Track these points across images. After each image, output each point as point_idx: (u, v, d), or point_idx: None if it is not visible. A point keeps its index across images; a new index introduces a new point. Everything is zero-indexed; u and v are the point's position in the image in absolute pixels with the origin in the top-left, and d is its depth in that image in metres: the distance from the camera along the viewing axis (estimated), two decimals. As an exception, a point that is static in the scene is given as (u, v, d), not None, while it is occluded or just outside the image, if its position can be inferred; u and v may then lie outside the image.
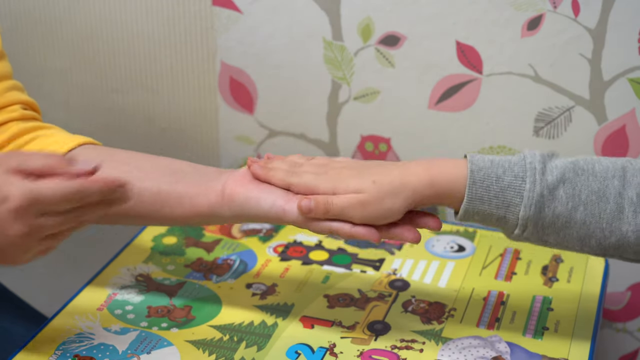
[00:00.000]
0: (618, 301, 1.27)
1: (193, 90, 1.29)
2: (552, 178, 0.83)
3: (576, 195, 0.83)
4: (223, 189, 0.90)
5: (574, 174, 0.83)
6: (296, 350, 0.92)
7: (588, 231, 0.84)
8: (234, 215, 0.90)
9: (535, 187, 0.83)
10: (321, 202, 0.85)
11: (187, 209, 0.92)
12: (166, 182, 0.92)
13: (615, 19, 1.10)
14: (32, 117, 1.00)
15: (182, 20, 1.24)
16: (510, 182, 0.83)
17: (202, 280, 1.03)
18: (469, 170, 0.84)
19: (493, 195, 0.83)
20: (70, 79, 1.33)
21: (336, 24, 1.19)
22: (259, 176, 0.90)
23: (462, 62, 1.17)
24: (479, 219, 0.85)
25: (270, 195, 0.88)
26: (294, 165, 0.90)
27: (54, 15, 1.29)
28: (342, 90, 1.23)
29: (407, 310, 0.98)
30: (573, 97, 1.15)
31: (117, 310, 0.98)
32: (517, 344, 0.93)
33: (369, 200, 0.85)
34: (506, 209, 0.84)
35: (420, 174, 0.85)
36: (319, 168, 0.89)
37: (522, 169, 0.83)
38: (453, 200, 0.85)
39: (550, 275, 1.05)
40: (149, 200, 0.93)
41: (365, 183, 0.85)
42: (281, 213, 0.87)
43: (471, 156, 0.85)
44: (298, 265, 1.06)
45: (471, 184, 0.83)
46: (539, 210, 0.83)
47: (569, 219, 0.83)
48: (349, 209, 0.85)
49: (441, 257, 1.08)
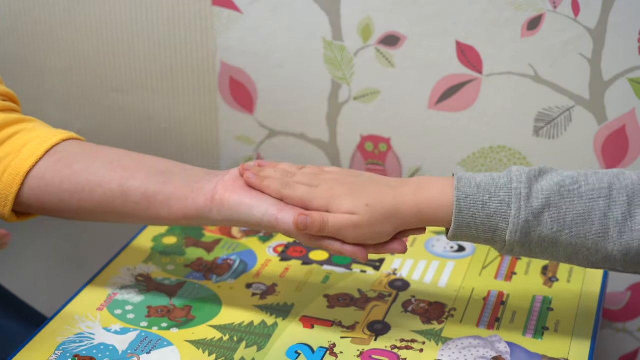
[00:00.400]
0: (618, 301, 1.27)
1: (193, 90, 1.29)
2: (538, 203, 0.84)
3: (561, 218, 0.84)
4: (213, 193, 0.90)
5: (560, 197, 0.84)
6: (296, 350, 0.92)
7: (575, 250, 0.85)
8: (223, 220, 0.90)
9: (520, 213, 0.84)
10: (317, 221, 0.87)
11: (174, 211, 0.91)
12: (153, 182, 0.92)
13: (615, 19, 1.10)
14: (11, 108, 0.99)
15: (182, 20, 1.24)
16: (496, 208, 0.84)
17: (202, 280, 1.03)
18: (455, 199, 0.85)
19: (480, 222, 0.85)
20: (70, 79, 1.33)
21: (336, 24, 1.19)
22: (253, 185, 0.90)
23: (462, 62, 1.17)
24: (468, 240, 0.87)
25: (262, 203, 0.89)
26: (286, 175, 0.91)
27: (54, 15, 1.29)
28: (342, 90, 1.23)
29: (407, 310, 0.98)
30: (573, 97, 1.15)
31: (117, 310, 0.98)
32: (517, 344, 0.93)
33: (362, 223, 0.86)
34: (493, 233, 0.85)
35: (409, 203, 0.86)
36: (311, 179, 0.90)
37: (508, 195, 0.84)
38: (442, 224, 0.87)
39: (550, 275, 1.05)
40: (134, 200, 0.92)
41: (359, 205, 0.87)
42: (274, 222, 0.88)
43: (458, 180, 0.86)
44: (298, 265, 1.06)
45: (457, 212, 0.85)
46: (524, 235, 0.84)
47: (554, 240, 0.85)
48: (343, 229, 0.87)
49: (441, 257, 1.08)
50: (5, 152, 0.94)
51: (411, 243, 1.11)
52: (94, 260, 1.39)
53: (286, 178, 0.91)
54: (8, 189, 0.94)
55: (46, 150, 0.94)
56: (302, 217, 0.87)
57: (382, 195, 0.87)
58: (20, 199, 0.95)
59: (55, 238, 1.49)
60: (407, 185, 0.88)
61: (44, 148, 0.94)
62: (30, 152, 0.94)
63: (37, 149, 0.94)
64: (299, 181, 0.90)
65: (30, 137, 0.95)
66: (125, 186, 0.92)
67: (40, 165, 0.94)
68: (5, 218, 0.96)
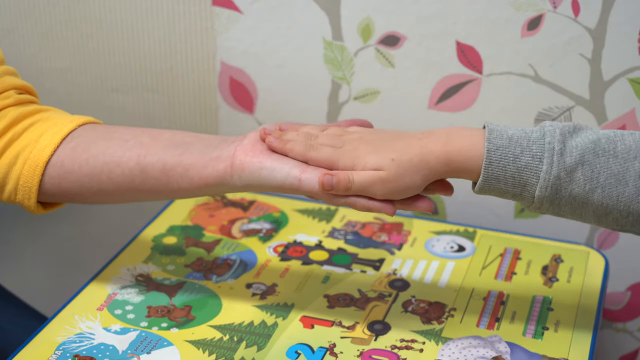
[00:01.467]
0: (618, 301, 1.27)
1: (193, 90, 1.29)
2: (571, 160, 0.82)
3: (594, 177, 0.82)
4: (232, 159, 0.89)
5: (594, 155, 0.82)
6: (296, 350, 0.92)
7: (605, 211, 0.83)
8: (245, 185, 0.89)
9: (552, 168, 0.82)
10: (343, 180, 0.85)
11: (195, 181, 0.90)
12: (170, 155, 0.91)
13: (615, 19, 1.10)
14: (29, 100, 0.99)
15: (182, 20, 1.24)
16: (527, 162, 0.82)
17: (202, 280, 1.03)
18: (486, 150, 0.83)
19: (509, 175, 0.83)
20: (70, 79, 1.33)
21: (336, 24, 1.19)
22: (275, 149, 0.88)
23: (462, 62, 1.17)
24: (495, 194, 0.85)
25: (284, 166, 0.87)
26: (309, 137, 0.89)
27: (54, 15, 1.29)
28: (342, 90, 1.23)
29: (407, 310, 0.98)
30: (573, 97, 1.15)
31: (117, 310, 0.98)
32: (517, 344, 0.93)
33: (389, 178, 0.85)
34: (522, 188, 0.83)
35: (438, 152, 0.84)
36: (335, 140, 0.89)
37: (541, 149, 0.82)
38: (470, 176, 0.85)
39: (550, 275, 1.05)
40: (154, 176, 0.92)
41: (385, 160, 0.85)
42: (296, 183, 0.87)
43: (489, 131, 0.84)
44: (298, 265, 1.06)
45: (487, 164, 0.83)
46: (555, 192, 0.82)
47: (586, 200, 0.82)
48: (370, 186, 0.85)
49: (441, 257, 1.08)
50: (23, 144, 0.94)
51: (411, 243, 1.11)
52: (94, 260, 1.39)
53: (309, 140, 0.89)
54: (30, 181, 0.94)
55: (62, 137, 0.95)
56: (327, 177, 0.85)
57: (408, 147, 0.85)
58: (42, 189, 0.95)
59: (55, 238, 1.49)
60: (435, 135, 0.86)
61: (60, 136, 0.94)
62: (47, 141, 0.94)
63: (54, 137, 0.94)
64: (323, 142, 0.88)
65: (47, 127, 0.95)
66: (143, 163, 0.92)
67: (58, 153, 0.94)
68: (32, 210, 0.96)
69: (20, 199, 0.95)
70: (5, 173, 0.94)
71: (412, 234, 1.13)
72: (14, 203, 0.97)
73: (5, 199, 0.96)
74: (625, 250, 1.23)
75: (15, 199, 0.96)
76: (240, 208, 1.18)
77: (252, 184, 0.89)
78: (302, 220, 1.16)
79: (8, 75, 0.98)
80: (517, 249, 1.10)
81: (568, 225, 1.21)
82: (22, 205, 0.96)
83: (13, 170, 0.94)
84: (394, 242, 1.11)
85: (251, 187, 0.89)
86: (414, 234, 1.13)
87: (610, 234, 1.22)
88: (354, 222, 1.15)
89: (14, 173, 0.94)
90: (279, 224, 1.15)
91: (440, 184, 0.89)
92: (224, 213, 1.17)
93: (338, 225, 1.14)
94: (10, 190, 0.95)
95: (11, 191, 0.95)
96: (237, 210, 1.18)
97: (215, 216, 1.16)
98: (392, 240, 1.11)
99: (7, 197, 0.96)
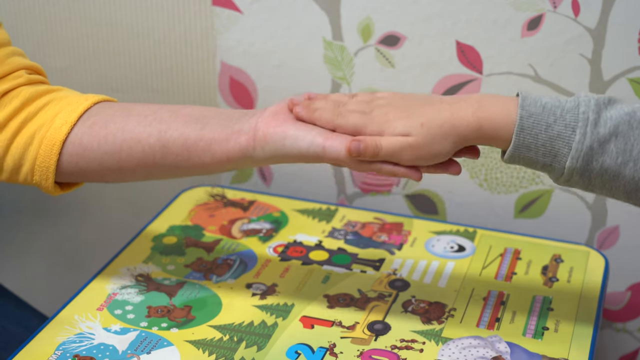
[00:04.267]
0: (618, 301, 1.27)
1: (193, 90, 1.29)
2: (605, 131, 0.80)
3: (627, 150, 0.80)
4: (255, 131, 0.88)
5: (629, 127, 0.80)
6: (296, 350, 0.92)
7: (636, 186, 0.81)
8: (268, 157, 0.88)
9: (585, 139, 0.80)
10: (370, 146, 0.84)
11: (217, 156, 0.89)
12: (191, 130, 0.90)
13: (615, 19, 1.10)
14: (39, 80, 0.98)
15: (182, 20, 1.24)
16: (560, 131, 0.81)
17: (202, 280, 1.03)
18: (519, 117, 0.81)
19: (541, 143, 0.82)
20: (70, 78, 1.33)
21: (336, 24, 1.19)
22: (303, 118, 0.87)
23: (462, 62, 1.17)
24: (525, 164, 0.84)
25: (308, 134, 0.86)
26: (338, 105, 0.88)
27: (54, 15, 1.29)
28: (342, 90, 1.23)
29: (407, 310, 0.98)
30: (573, 97, 1.15)
31: (117, 310, 0.98)
32: (517, 344, 0.93)
33: (418, 144, 0.84)
34: (553, 158, 0.82)
35: (469, 118, 0.83)
36: (364, 106, 0.87)
37: (574, 118, 0.81)
38: (500, 143, 0.84)
39: (550, 275, 1.05)
40: (175, 151, 0.91)
41: (414, 125, 0.84)
42: (320, 151, 0.86)
43: (523, 98, 0.82)
44: (298, 265, 1.06)
45: (519, 130, 0.82)
46: (586, 163, 0.81)
47: (617, 173, 0.81)
48: (398, 152, 0.84)
49: (441, 257, 1.08)
50: (38, 124, 0.93)
51: (411, 243, 1.11)
52: (94, 260, 1.39)
53: (338, 107, 0.88)
54: (47, 160, 0.93)
55: (79, 115, 0.93)
56: (355, 143, 0.84)
57: (438, 112, 0.84)
58: (60, 169, 0.94)
59: (55, 238, 1.49)
60: (466, 102, 0.84)
61: (77, 114, 0.93)
62: (64, 119, 0.93)
63: (70, 115, 0.93)
64: (352, 109, 0.87)
65: (62, 105, 0.94)
66: (163, 139, 0.91)
67: (75, 131, 0.93)
68: (49, 191, 0.95)
69: (38, 180, 0.94)
70: (21, 154, 0.93)
71: (412, 234, 1.13)
72: (30, 185, 0.95)
73: (21, 180, 0.95)
74: (625, 250, 1.23)
75: (32, 180, 0.94)
76: (240, 208, 1.18)
77: (276, 155, 0.88)
78: (302, 220, 1.16)
79: (17, 55, 0.97)
80: (517, 249, 1.10)
81: (568, 225, 1.21)
82: (39, 186, 0.94)
83: (29, 151, 0.93)
84: (394, 242, 1.11)
85: (275, 159, 0.88)
86: (414, 234, 1.13)
87: (610, 234, 1.22)
88: (354, 222, 1.15)
89: (30, 153, 0.93)
90: (279, 224, 1.15)
91: (468, 149, 0.87)
92: (224, 213, 1.17)
93: (338, 225, 1.14)
94: (27, 171, 0.93)
95: (27, 172, 0.93)
96: (237, 210, 1.18)
97: (215, 216, 1.16)
98: (392, 240, 1.11)
99: (24, 179, 0.94)
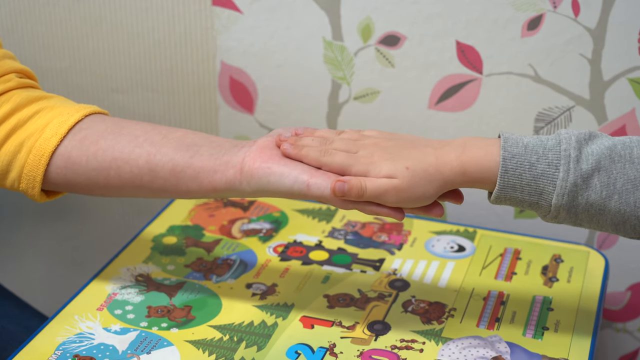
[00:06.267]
0: (618, 301, 1.27)
1: (193, 90, 1.29)
2: (587, 166, 0.81)
3: (611, 184, 0.81)
4: (242, 165, 0.88)
5: (610, 161, 0.81)
6: (296, 350, 0.92)
7: (622, 218, 0.82)
8: (254, 191, 0.89)
9: (569, 176, 0.81)
10: (355, 187, 0.85)
11: (204, 185, 0.90)
12: (180, 157, 0.91)
13: (615, 19, 1.10)
14: (30, 84, 0.98)
15: (182, 20, 1.24)
16: (544, 170, 0.82)
17: (202, 280, 1.03)
18: (502, 158, 0.82)
19: (526, 183, 0.82)
20: (70, 79, 1.33)
21: (336, 24, 1.19)
22: (290, 155, 0.88)
23: (462, 62, 1.17)
24: (512, 204, 0.85)
25: (292, 171, 0.87)
26: (324, 142, 0.89)
27: (54, 15, 1.29)
28: (342, 90, 1.23)
29: (407, 310, 0.98)
30: (573, 97, 1.15)
31: (117, 310, 0.98)
32: (517, 344, 0.93)
33: (402, 187, 0.84)
34: (539, 196, 0.83)
35: (453, 163, 0.84)
36: (350, 145, 0.88)
37: (557, 156, 0.82)
38: (486, 185, 0.85)
39: (550, 275, 1.05)
40: (163, 176, 0.91)
41: (399, 169, 0.85)
42: (304, 189, 0.86)
43: (505, 139, 0.83)
44: (298, 265, 1.06)
45: (503, 172, 0.82)
46: (572, 199, 0.82)
47: (603, 207, 0.82)
48: (383, 194, 0.85)
49: (441, 257, 1.08)
50: (28, 132, 0.93)
51: (411, 243, 1.11)
52: (94, 260, 1.39)
53: (324, 145, 0.88)
54: (35, 170, 0.93)
55: (69, 127, 0.93)
56: (339, 184, 0.85)
57: (423, 156, 0.85)
58: (47, 179, 0.94)
59: (55, 238, 1.49)
60: (450, 145, 0.85)
61: (67, 126, 0.93)
62: (54, 131, 0.93)
63: (60, 127, 0.93)
64: (338, 147, 0.88)
65: (52, 115, 0.94)
66: (152, 162, 0.91)
67: (65, 144, 0.93)
68: (35, 199, 0.96)
69: (24, 188, 0.94)
70: (9, 160, 0.93)
71: (412, 234, 1.13)
72: (17, 191, 0.96)
73: (8, 186, 0.95)
74: (625, 250, 1.23)
75: (19, 187, 0.95)
76: (240, 208, 1.18)
77: (261, 190, 0.88)
78: (302, 220, 1.16)
79: (7, 58, 0.97)
80: (517, 249, 1.10)
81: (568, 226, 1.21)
82: (25, 193, 0.95)
83: (17, 159, 0.93)
84: (394, 242, 1.11)
85: (261, 193, 0.89)
86: (414, 234, 1.13)
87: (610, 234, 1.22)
88: (354, 222, 1.15)
89: (18, 161, 0.93)
90: (279, 224, 1.15)
91: (452, 193, 0.88)
92: (224, 213, 1.17)
93: (338, 225, 1.14)
94: (14, 178, 0.94)
95: (15, 179, 0.94)
96: (237, 210, 1.18)
97: (215, 216, 1.16)
98: (392, 240, 1.11)
99: (10, 185, 0.95)
